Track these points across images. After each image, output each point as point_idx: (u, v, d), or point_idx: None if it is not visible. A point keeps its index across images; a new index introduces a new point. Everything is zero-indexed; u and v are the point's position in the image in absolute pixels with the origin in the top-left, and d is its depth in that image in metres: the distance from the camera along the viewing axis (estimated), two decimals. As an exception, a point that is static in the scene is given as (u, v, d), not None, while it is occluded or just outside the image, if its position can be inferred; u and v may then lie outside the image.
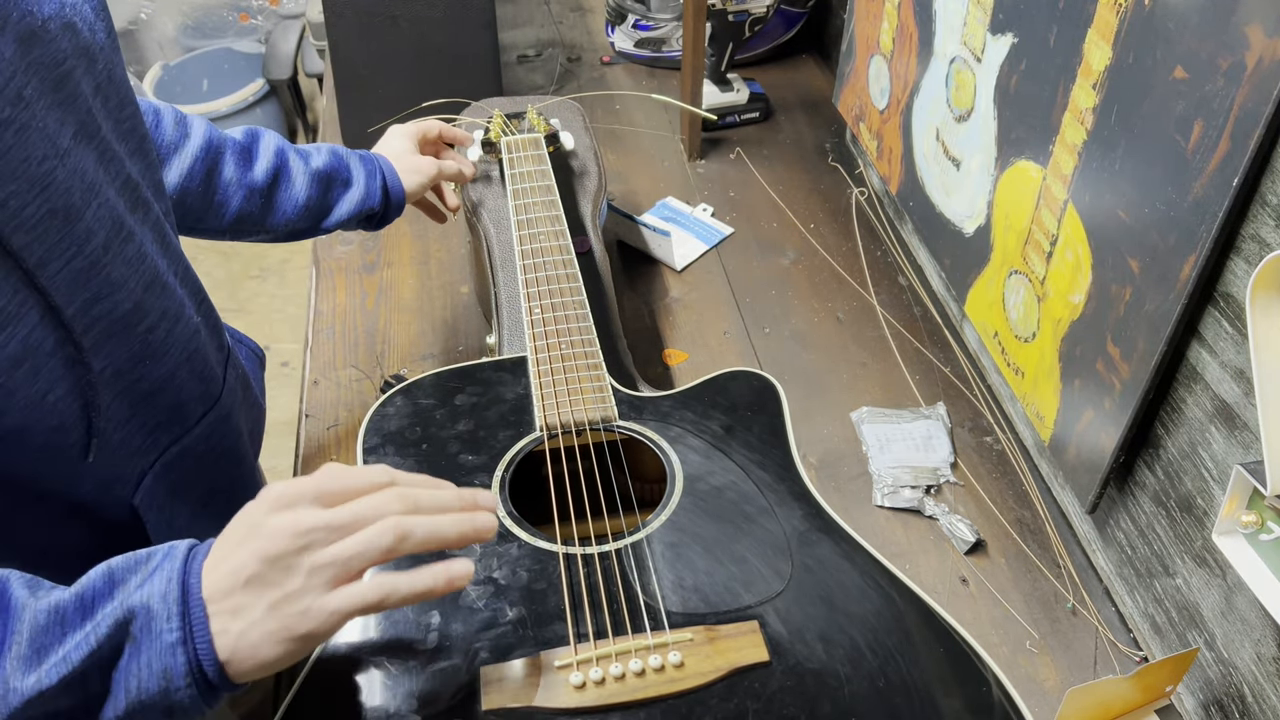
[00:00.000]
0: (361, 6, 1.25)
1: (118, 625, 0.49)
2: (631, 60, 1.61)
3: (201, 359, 0.69)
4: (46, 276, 0.54)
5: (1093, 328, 0.78)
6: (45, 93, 0.54)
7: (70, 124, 0.56)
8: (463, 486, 0.74)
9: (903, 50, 1.10)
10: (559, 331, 0.85)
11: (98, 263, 0.57)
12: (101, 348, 0.59)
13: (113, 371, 0.60)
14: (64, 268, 0.55)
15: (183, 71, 2.84)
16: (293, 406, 1.05)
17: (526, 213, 0.96)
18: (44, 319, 0.55)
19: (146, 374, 0.63)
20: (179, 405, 0.67)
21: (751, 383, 0.84)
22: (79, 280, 0.56)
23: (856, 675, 0.62)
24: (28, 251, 0.53)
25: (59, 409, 0.57)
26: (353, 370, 1.06)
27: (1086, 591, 0.86)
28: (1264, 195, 0.61)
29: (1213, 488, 0.70)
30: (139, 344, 0.62)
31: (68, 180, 0.55)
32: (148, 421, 0.65)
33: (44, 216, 0.53)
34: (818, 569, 0.68)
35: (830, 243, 1.23)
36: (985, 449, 0.98)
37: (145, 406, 0.64)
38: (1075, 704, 0.66)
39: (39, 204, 0.53)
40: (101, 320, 0.58)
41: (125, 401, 0.62)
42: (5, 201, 0.51)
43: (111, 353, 0.60)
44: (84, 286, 0.57)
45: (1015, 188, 0.88)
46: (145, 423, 0.65)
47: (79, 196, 0.56)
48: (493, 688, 0.61)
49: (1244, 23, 0.59)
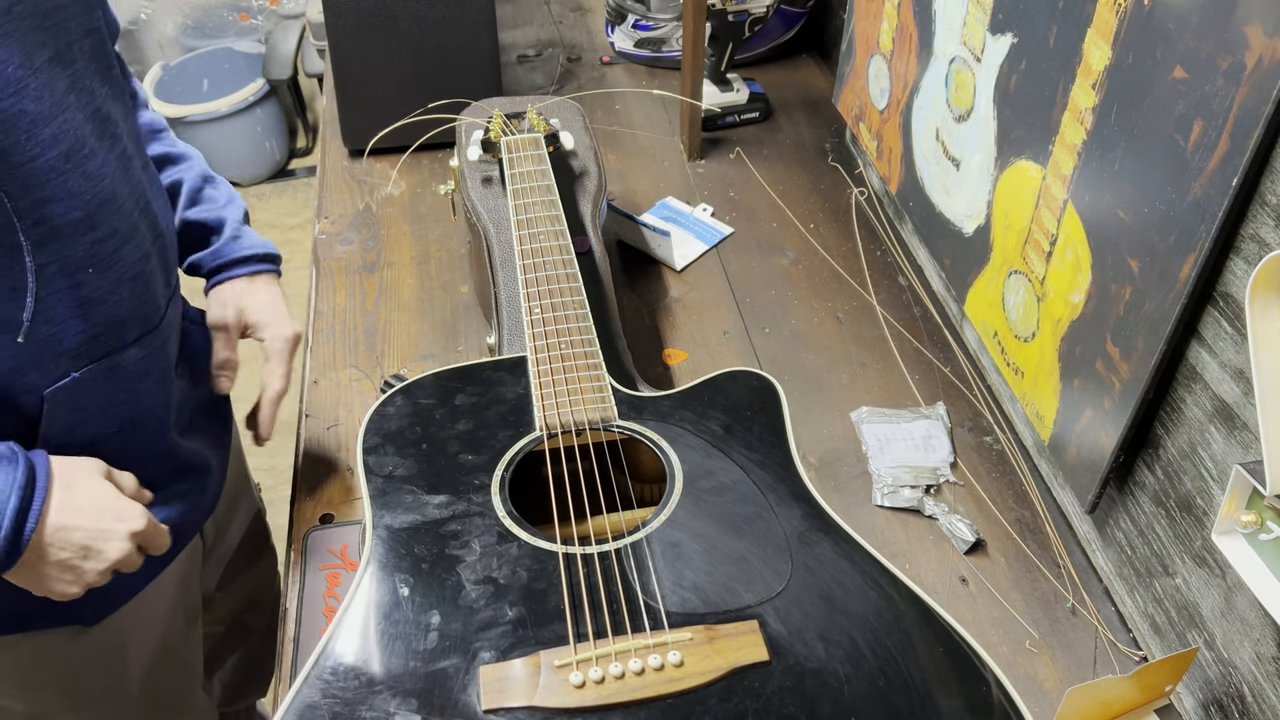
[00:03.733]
0: (361, 6, 1.25)
1: None
2: (631, 60, 1.61)
3: (145, 283, 0.74)
4: (5, 167, 0.61)
5: (1092, 327, 0.78)
6: (32, 15, 0.63)
7: (49, 48, 0.64)
8: (462, 486, 0.74)
9: (903, 50, 1.10)
10: (559, 331, 0.85)
11: (56, 169, 0.65)
12: (46, 244, 0.65)
13: (57, 269, 0.66)
14: (24, 164, 0.62)
15: (183, 71, 2.84)
16: (293, 406, 1.05)
17: (526, 213, 0.96)
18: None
19: (89, 281, 0.69)
20: (118, 320, 0.72)
21: (751, 383, 0.84)
22: (36, 180, 0.63)
23: (856, 675, 0.62)
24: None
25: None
26: (353, 370, 1.06)
27: (1086, 591, 0.86)
28: (1263, 195, 0.61)
29: (1212, 488, 0.70)
30: (85, 251, 0.68)
31: (38, 90, 0.63)
32: (85, 329, 0.69)
33: (14, 115, 0.61)
34: (817, 569, 0.68)
35: (830, 243, 1.23)
36: (985, 449, 0.98)
37: (85, 312, 0.69)
38: (1075, 704, 0.66)
39: (11, 102, 0.61)
40: (50, 220, 0.65)
41: (66, 301, 0.67)
42: None
43: (57, 251, 0.66)
44: (40, 187, 0.64)
45: (1015, 188, 0.88)
46: (82, 329, 0.69)
47: (47, 107, 0.64)
48: (493, 687, 0.61)
49: (1244, 23, 0.59)
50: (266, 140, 2.87)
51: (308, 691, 0.61)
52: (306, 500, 0.94)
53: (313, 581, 0.86)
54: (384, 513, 0.72)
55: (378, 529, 0.71)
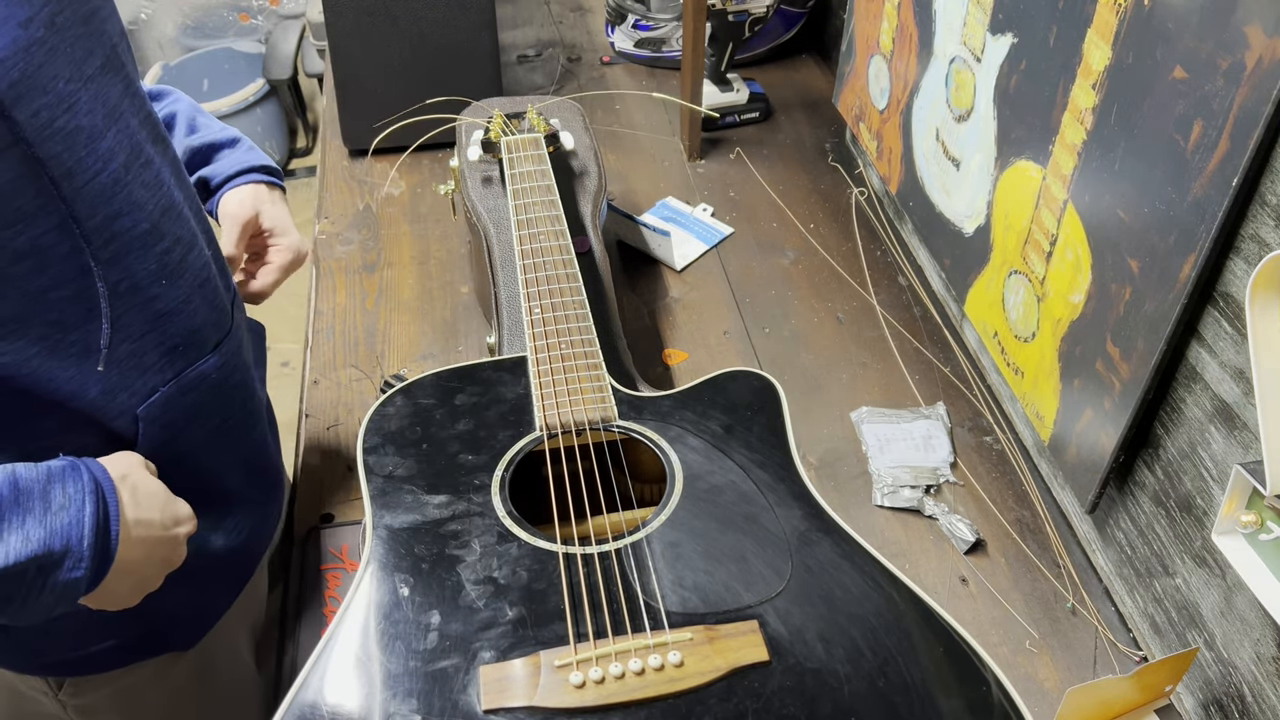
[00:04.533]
0: (361, 6, 1.25)
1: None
2: (631, 60, 1.61)
3: (213, 289, 0.73)
4: (71, 188, 0.59)
5: (1092, 327, 0.78)
6: (75, 24, 0.60)
7: (98, 55, 0.62)
8: (463, 486, 0.74)
9: (903, 50, 1.10)
10: (559, 331, 0.85)
11: (120, 180, 0.63)
12: (119, 261, 0.63)
13: (129, 285, 0.65)
14: (89, 182, 0.60)
15: (183, 71, 2.84)
16: (293, 406, 1.05)
17: (526, 213, 0.96)
18: (62, 226, 0.60)
19: (163, 294, 0.67)
20: (195, 330, 0.71)
21: (751, 383, 0.84)
22: (103, 195, 0.61)
23: (856, 675, 0.62)
24: (56, 162, 0.58)
25: (61, 307, 0.61)
26: (353, 370, 1.06)
27: (1086, 591, 0.86)
28: (1263, 195, 0.61)
29: (1212, 488, 0.70)
30: (155, 263, 0.66)
31: (90, 103, 0.61)
32: (164, 342, 0.68)
33: (72, 131, 0.59)
34: (817, 569, 0.68)
35: (830, 243, 1.23)
36: (985, 449, 0.98)
37: (162, 326, 0.68)
38: (1075, 704, 0.66)
39: (67, 118, 0.59)
40: (121, 236, 0.63)
41: (142, 317, 0.66)
42: (37, 112, 0.57)
43: (130, 267, 0.64)
44: (107, 202, 0.62)
45: (1015, 188, 0.88)
46: (161, 342, 0.68)
47: (101, 119, 0.62)
48: (493, 687, 0.61)
49: (1244, 23, 0.59)
50: (266, 140, 2.87)
51: (308, 692, 0.61)
52: (306, 500, 0.94)
53: (313, 581, 0.86)
54: (384, 513, 0.72)
55: (378, 529, 0.71)
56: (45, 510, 0.58)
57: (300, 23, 2.75)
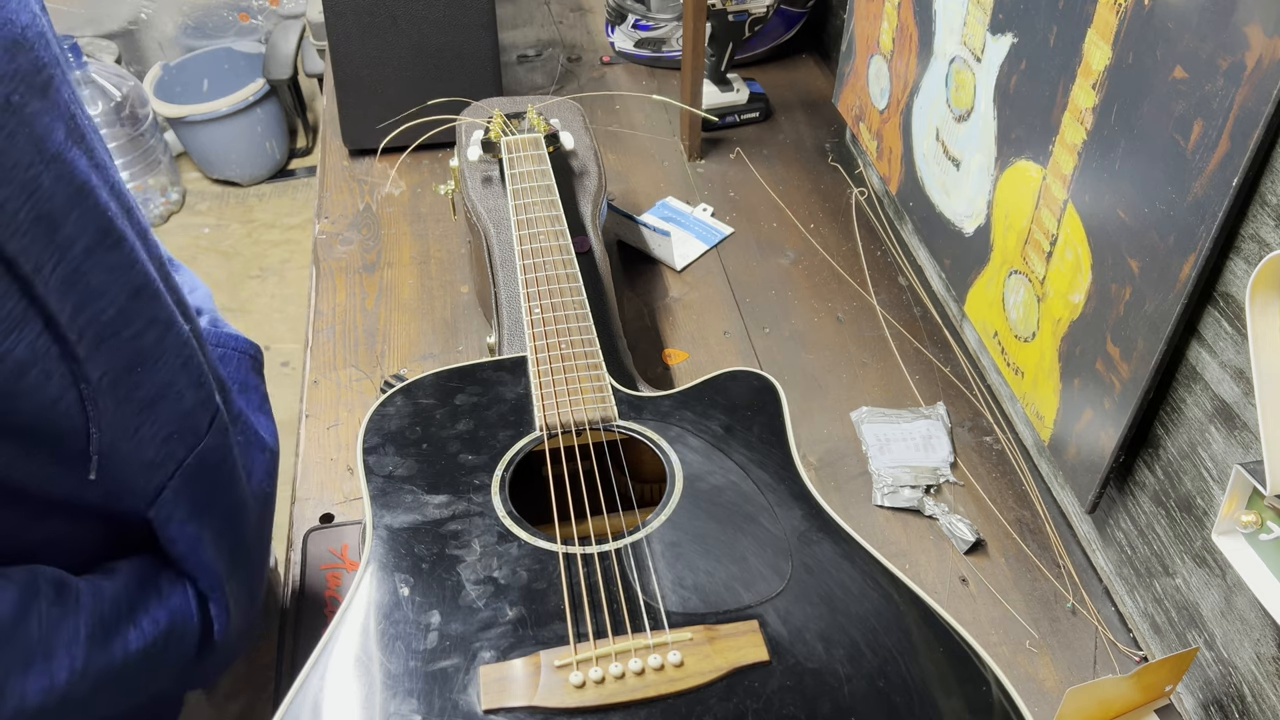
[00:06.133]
0: (361, 6, 1.25)
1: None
2: (631, 60, 1.61)
3: (197, 366, 0.68)
4: (41, 282, 0.54)
5: (1092, 327, 0.78)
6: (31, 99, 0.53)
7: (59, 128, 0.55)
8: (463, 486, 0.74)
9: (902, 50, 1.10)
10: (559, 331, 0.85)
11: (79, 269, 0.57)
12: (96, 355, 0.58)
13: (110, 380, 0.59)
14: (52, 273, 0.55)
15: (183, 71, 2.84)
16: (293, 406, 1.05)
17: (526, 213, 0.96)
18: (46, 327, 0.54)
19: (143, 380, 0.62)
20: (186, 414, 0.66)
21: (751, 383, 0.84)
22: (65, 287, 0.56)
23: (856, 675, 0.62)
24: (24, 257, 0.52)
25: (70, 415, 0.57)
26: (353, 370, 1.06)
27: (1086, 591, 0.86)
28: (1264, 195, 0.61)
29: (1212, 488, 0.70)
30: (129, 350, 0.61)
31: (53, 186, 0.54)
32: (158, 432, 0.64)
33: (34, 222, 0.53)
34: (817, 569, 0.68)
35: (830, 243, 1.23)
36: (985, 449, 0.98)
37: (152, 415, 0.63)
38: (1075, 704, 0.66)
39: (29, 209, 0.53)
40: (91, 326, 0.58)
41: (129, 410, 0.61)
42: (3, 205, 0.51)
43: (106, 360, 0.59)
44: (70, 292, 0.56)
45: (1015, 188, 0.88)
46: (156, 433, 0.63)
47: (62, 201, 0.55)
48: (493, 687, 0.61)
49: (1244, 22, 0.59)
50: (266, 140, 2.87)
51: (308, 692, 0.61)
52: (306, 500, 0.94)
53: (313, 581, 0.86)
54: (384, 512, 0.72)
55: (378, 529, 0.71)
56: None
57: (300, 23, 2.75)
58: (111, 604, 0.60)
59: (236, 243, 2.74)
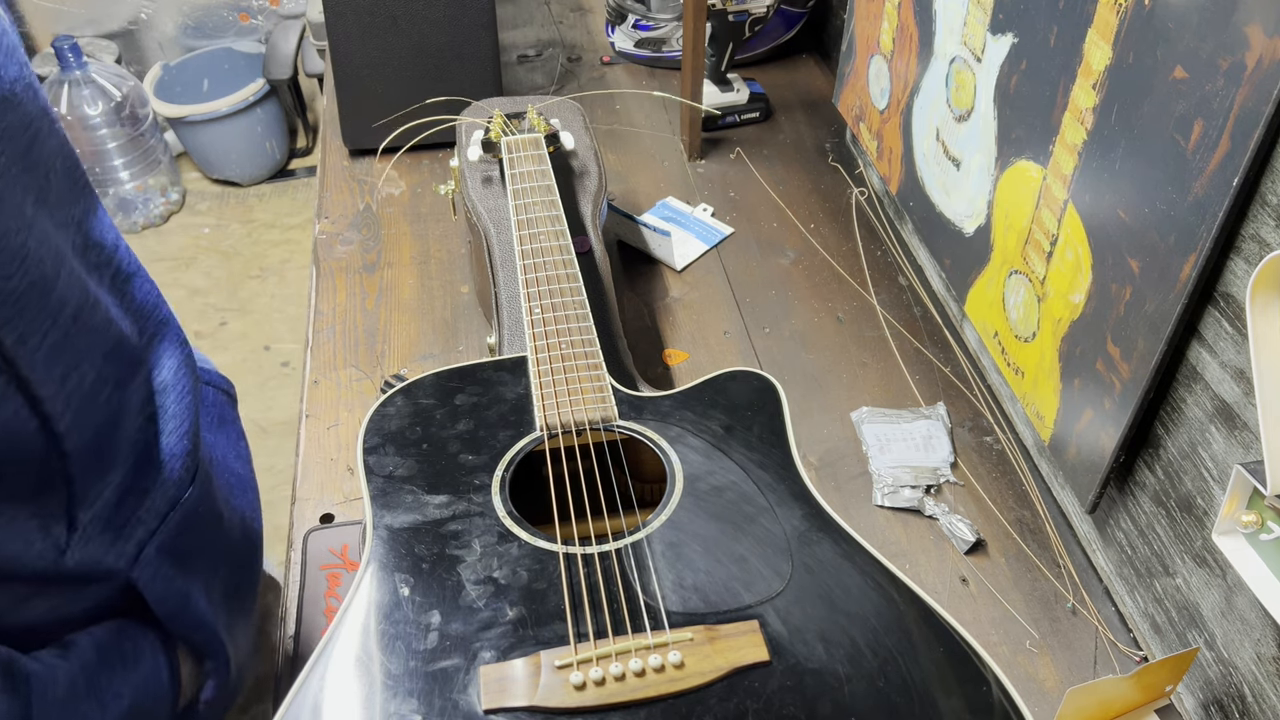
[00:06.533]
0: (361, 6, 1.25)
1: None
2: (631, 60, 1.61)
3: (166, 415, 0.63)
4: (25, 354, 0.50)
5: (1093, 327, 0.78)
6: (16, 160, 0.50)
7: (31, 190, 0.51)
8: (463, 486, 0.74)
9: (903, 50, 1.10)
10: (559, 331, 0.85)
11: (69, 334, 0.52)
12: (75, 427, 0.53)
13: (83, 447, 0.55)
14: (42, 343, 0.50)
15: (183, 71, 2.84)
16: (293, 406, 1.05)
17: (526, 213, 0.96)
18: (26, 403, 0.50)
19: (119, 439, 0.58)
20: (157, 464, 0.61)
21: (751, 383, 0.84)
22: (54, 355, 0.51)
23: (856, 675, 0.62)
24: (9, 328, 0.49)
25: (47, 480, 0.53)
26: (353, 370, 1.06)
27: (1086, 591, 0.86)
28: (1264, 195, 0.61)
29: (1213, 488, 0.70)
30: (103, 413, 0.57)
31: (39, 250, 0.50)
32: (135, 487, 0.59)
33: (26, 289, 0.49)
34: (818, 569, 0.68)
35: (830, 243, 1.23)
36: (985, 449, 0.98)
37: (130, 474, 0.59)
38: (1075, 704, 0.66)
39: (20, 277, 0.49)
40: (75, 395, 0.53)
41: (101, 470, 0.57)
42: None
43: (82, 427, 0.54)
44: (58, 361, 0.52)
45: (1015, 188, 0.88)
46: (134, 488, 0.59)
47: (50, 265, 0.51)
48: (493, 688, 0.61)
49: (1244, 23, 0.59)
50: (266, 140, 2.87)
51: (308, 692, 0.61)
52: (306, 500, 0.94)
53: (313, 581, 0.86)
54: (384, 513, 0.72)
55: (378, 529, 0.71)
56: None
57: (300, 23, 2.75)
58: (66, 685, 0.54)
59: (236, 243, 2.75)
